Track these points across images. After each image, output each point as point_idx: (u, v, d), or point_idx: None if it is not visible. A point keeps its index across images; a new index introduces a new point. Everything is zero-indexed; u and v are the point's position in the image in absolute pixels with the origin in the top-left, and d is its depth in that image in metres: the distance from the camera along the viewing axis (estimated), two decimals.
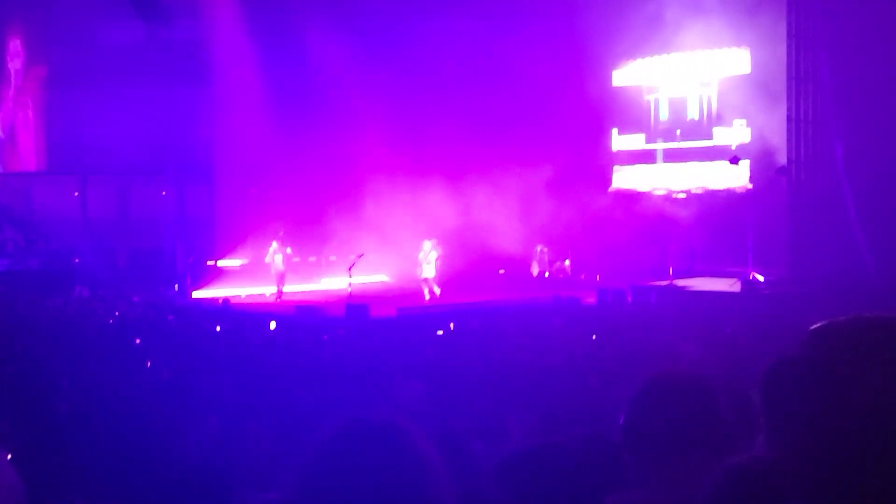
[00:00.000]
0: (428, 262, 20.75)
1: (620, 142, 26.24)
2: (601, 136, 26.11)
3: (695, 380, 2.65)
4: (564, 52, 24.21)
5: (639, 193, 25.61)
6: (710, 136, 24.37)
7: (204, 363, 9.19)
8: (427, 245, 20.86)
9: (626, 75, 25.90)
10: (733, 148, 22.23)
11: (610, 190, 26.09)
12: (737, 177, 22.81)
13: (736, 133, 23.28)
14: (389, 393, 6.92)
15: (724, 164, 22.07)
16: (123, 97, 25.48)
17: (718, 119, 24.23)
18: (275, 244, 21.33)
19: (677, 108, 25.23)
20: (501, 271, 25.69)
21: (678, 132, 25.14)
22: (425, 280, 20.85)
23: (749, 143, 22.95)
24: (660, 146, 25.79)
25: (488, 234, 23.85)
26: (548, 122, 24.82)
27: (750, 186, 22.86)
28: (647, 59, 25.39)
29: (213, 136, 25.27)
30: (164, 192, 26.55)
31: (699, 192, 24.54)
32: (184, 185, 26.27)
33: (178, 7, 24.39)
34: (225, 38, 24.35)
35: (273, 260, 21.28)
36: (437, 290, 20.76)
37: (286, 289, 21.60)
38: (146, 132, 25.45)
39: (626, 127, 26.13)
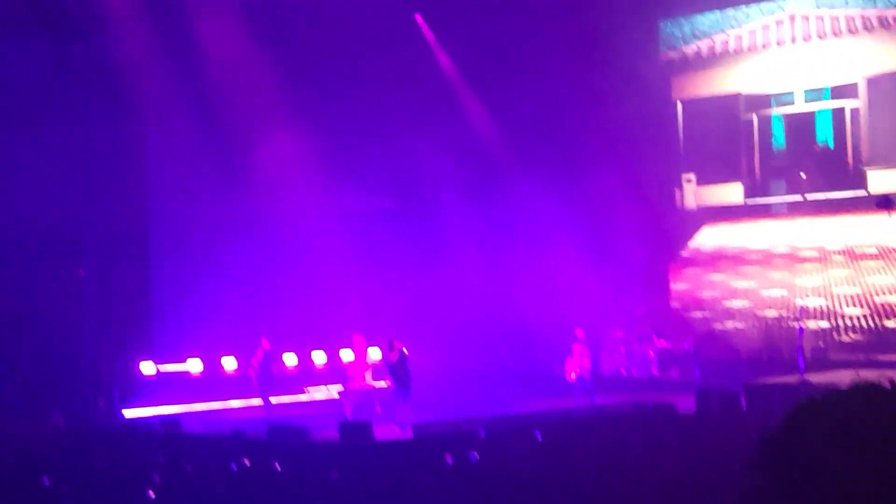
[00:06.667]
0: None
1: (699, 194, 24.69)
2: (664, 185, 25.60)
3: None
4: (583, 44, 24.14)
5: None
6: (859, 183, 22.88)
7: None
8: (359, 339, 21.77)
9: (700, 81, 24.81)
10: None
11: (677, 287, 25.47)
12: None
13: None
14: None
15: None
16: (21, 141, 25.80)
17: (873, 153, 22.66)
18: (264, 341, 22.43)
19: (800, 131, 23.75)
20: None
21: (802, 175, 23.46)
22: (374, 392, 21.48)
23: None
24: (774, 200, 23.89)
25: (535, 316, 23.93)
26: (572, 157, 24.96)
27: None
28: (740, 54, 23.94)
29: (148, 192, 25.57)
30: (81, 272, 26.78)
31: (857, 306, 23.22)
32: (109, 261, 26.47)
33: (102, 16, 24.75)
34: (168, 59, 24.67)
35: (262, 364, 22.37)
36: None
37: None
38: (55, 188, 25.69)
39: (708, 170, 24.63)
